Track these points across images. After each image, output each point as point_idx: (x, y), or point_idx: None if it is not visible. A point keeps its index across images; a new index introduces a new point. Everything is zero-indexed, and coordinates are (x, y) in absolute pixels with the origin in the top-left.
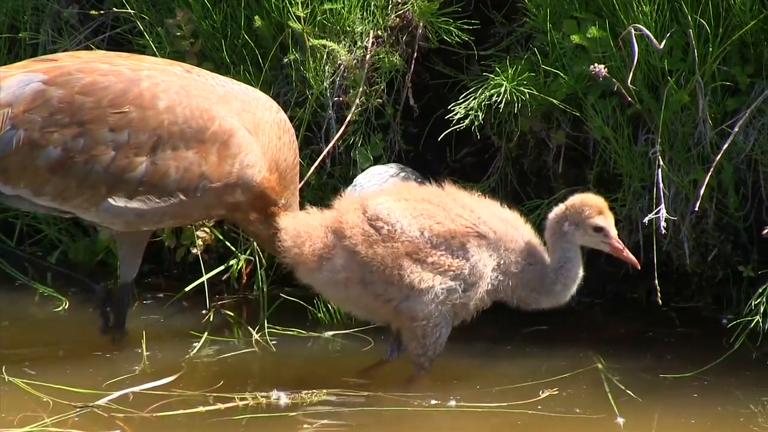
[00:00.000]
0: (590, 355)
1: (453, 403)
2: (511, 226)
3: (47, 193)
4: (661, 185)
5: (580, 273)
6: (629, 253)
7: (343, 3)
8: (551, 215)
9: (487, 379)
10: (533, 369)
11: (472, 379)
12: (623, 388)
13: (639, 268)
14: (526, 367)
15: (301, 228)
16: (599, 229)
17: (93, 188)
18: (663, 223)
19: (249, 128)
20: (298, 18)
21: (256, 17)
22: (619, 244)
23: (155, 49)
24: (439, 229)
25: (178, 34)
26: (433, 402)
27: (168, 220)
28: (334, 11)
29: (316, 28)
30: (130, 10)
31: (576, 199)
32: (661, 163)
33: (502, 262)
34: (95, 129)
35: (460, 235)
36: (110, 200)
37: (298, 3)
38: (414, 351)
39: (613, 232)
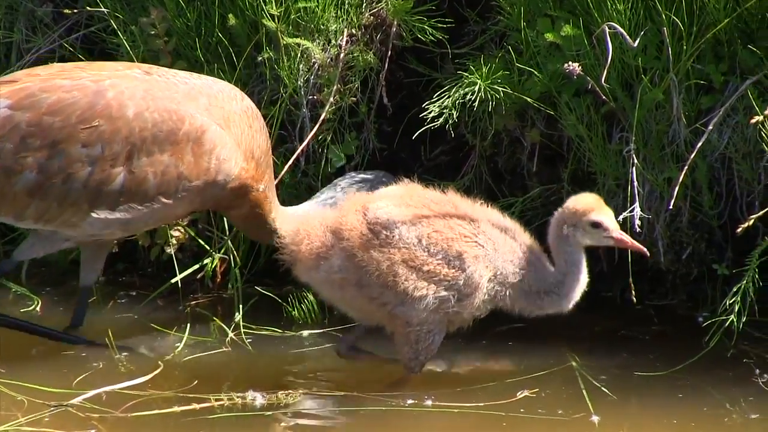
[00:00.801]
0: (565, 354)
1: (429, 402)
2: (509, 236)
3: (29, 216)
4: (636, 183)
5: (586, 278)
6: (635, 242)
7: (317, 1)
8: (552, 220)
9: (463, 377)
10: (509, 367)
11: (448, 378)
12: (598, 386)
13: (648, 255)
14: (501, 364)
15: (301, 226)
16: (597, 225)
17: (74, 206)
18: (637, 221)
19: (220, 123)
20: (272, 16)
21: (230, 15)
22: (623, 236)
23: (129, 48)
24: (437, 238)
25: (152, 32)
26: (409, 402)
27: (153, 223)
28: (308, 10)
29: (290, 27)
30: (103, 9)
31: (570, 200)
32: (636, 161)
33: (499, 272)
34: (68, 147)
35: (457, 244)
36: (93, 215)
37: (272, 1)
38: (406, 355)
39: (613, 224)
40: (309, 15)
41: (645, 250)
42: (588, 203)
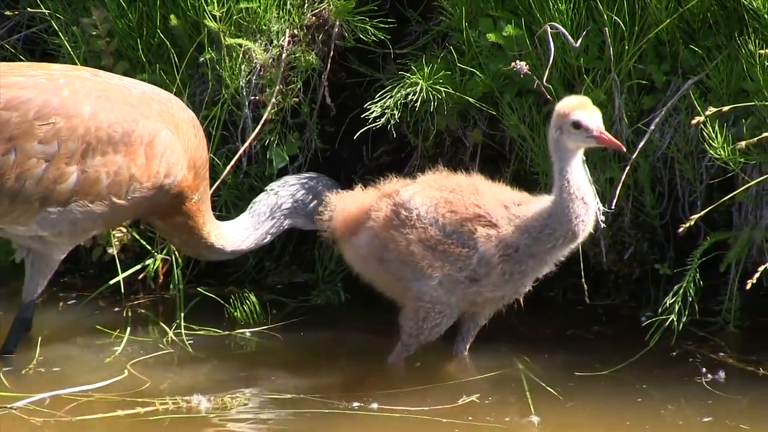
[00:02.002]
0: (509, 355)
1: (375, 405)
2: (513, 211)
3: None
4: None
5: (588, 183)
6: (613, 139)
7: (259, 2)
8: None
9: (408, 379)
10: (454, 369)
11: (394, 380)
12: (543, 386)
13: (624, 150)
14: (446, 366)
15: (339, 205)
16: (578, 125)
17: (26, 203)
18: (602, 216)
19: (170, 129)
20: (214, 17)
21: (172, 16)
22: (605, 135)
23: (70, 49)
24: (452, 218)
25: (94, 33)
26: (355, 404)
27: (101, 225)
28: (250, 10)
29: (232, 27)
30: (44, 10)
31: (558, 103)
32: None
33: (512, 251)
34: (24, 143)
35: (470, 224)
36: (44, 212)
37: (213, 2)
38: (407, 330)
39: (594, 124)
40: (251, 15)
41: (622, 146)
42: (570, 104)
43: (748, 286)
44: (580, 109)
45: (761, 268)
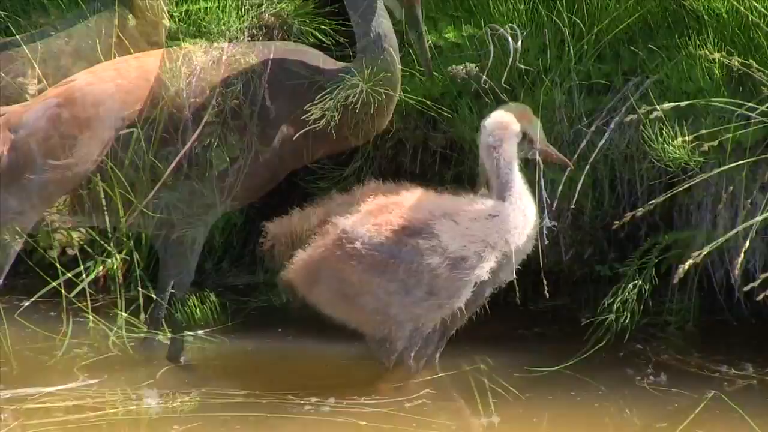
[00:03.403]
0: (458, 355)
1: (328, 408)
2: (458, 220)
3: None
4: (544, 191)
5: (524, 186)
6: (560, 154)
7: (199, 5)
8: (482, 131)
9: (364, 379)
10: (403, 370)
11: (349, 381)
12: (493, 386)
13: (573, 167)
14: (395, 368)
15: (278, 231)
16: (523, 136)
17: None
18: (547, 224)
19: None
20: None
21: None
22: (548, 147)
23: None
24: (384, 232)
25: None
26: (307, 406)
27: (55, 191)
28: (189, 12)
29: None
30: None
31: (497, 111)
32: (541, 165)
33: (446, 263)
34: None
35: (408, 238)
36: None
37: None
38: (371, 344)
39: (540, 136)
40: (191, 17)
41: (569, 162)
42: (515, 113)
43: (675, 281)
44: (526, 120)
45: (686, 264)
